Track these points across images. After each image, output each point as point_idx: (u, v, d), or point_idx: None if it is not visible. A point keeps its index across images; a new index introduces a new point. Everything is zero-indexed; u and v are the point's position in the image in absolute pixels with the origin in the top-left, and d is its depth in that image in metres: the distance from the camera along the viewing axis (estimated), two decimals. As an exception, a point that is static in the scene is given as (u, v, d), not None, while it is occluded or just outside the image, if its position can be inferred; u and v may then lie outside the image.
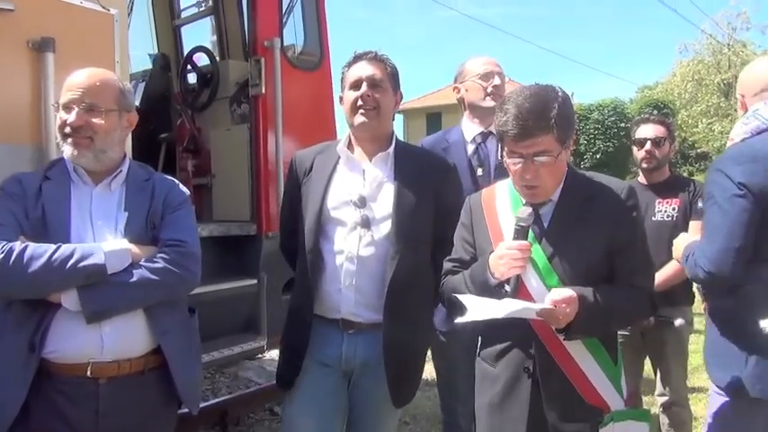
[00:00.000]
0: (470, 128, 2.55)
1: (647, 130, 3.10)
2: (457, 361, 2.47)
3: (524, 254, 1.63)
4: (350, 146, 2.12)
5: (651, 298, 1.75)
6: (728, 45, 30.21)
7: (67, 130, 1.75)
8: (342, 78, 2.12)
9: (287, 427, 2.11)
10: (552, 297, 1.56)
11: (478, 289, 1.71)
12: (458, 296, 1.68)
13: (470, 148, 2.51)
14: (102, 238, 1.72)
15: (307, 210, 2.06)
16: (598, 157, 21.09)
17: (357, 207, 2.00)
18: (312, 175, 2.11)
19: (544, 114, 1.59)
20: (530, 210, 1.67)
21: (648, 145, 3.04)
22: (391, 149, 2.08)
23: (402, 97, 2.17)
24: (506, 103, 1.64)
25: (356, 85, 2.03)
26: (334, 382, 2.05)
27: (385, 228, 1.99)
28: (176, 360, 1.77)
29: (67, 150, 1.77)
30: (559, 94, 1.65)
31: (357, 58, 2.08)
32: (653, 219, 2.95)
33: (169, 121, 4.54)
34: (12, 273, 1.56)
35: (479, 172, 2.46)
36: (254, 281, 3.56)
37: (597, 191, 1.73)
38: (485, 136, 2.52)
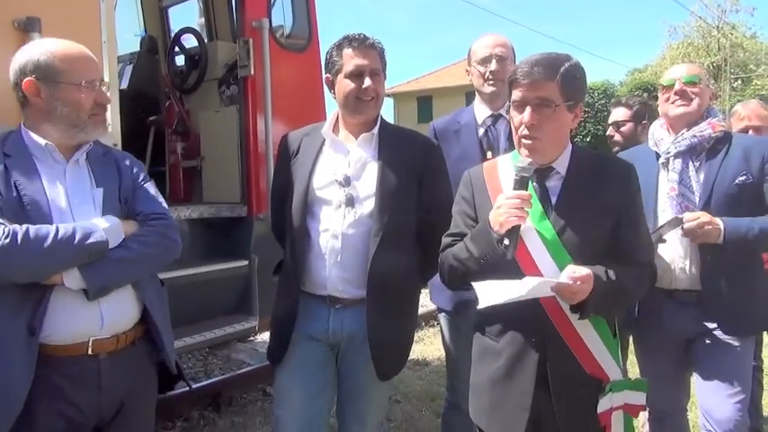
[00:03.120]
0: (481, 110, 2.54)
1: (614, 114, 3.27)
2: (463, 340, 2.46)
3: (524, 203, 1.62)
4: (335, 127, 2.14)
5: (652, 272, 1.81)
6: (718, 27, 30.29)
7: (97, 110, 1.74)
8: (331, 61, 2.08)
9: (279, 399, 2.16)
10: (569, 273, 1.57)
11: (479, 247, 1.70)
12: (473, 285, 1.66)
13: (481, 131, 2.51)
14: (82, 215, 1.70)
15: (294, 190, 2.09)
16: (588, 140, 21.19)
17: (342, 186, 2.03)
18: (299, 156, 2.14)
19: (553, 66, 1.66)
20: (530, 159, 1.68)
21: (610, 129, 3.22)
22: (376, 130, 2.10)
23: (386, 78, 2.17)
24: (520, 63, 1.73)
25: (356, 75, 2.02)
26: (322, 355, 2.10)
27: (368, 206, 2.02)
28: (161, 328, 1.82)
29: (97, 130, 1.75)
30: (572, 59, 1.71)
31: (351, 42, 2.04)
32: None
33: (157, 104, 4.51)
34: (23, 254, 1.53)
35: (489, 155, 2.44)
36: (245, 262, 3.57)
37: (604, 165, 1.77)
38: (495, 119, 2.49)
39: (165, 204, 1.86)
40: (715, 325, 2.16)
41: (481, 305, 1.60)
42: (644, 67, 33.41)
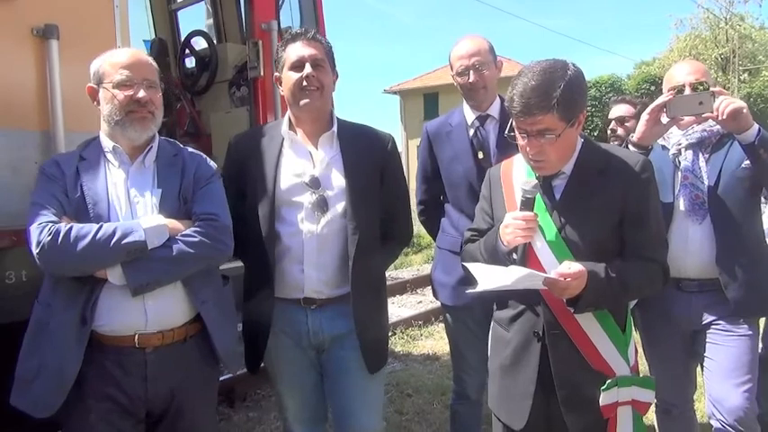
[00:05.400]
0: (469, 112, 2.56)
1: (617, 110, 3.30)
2: (468, 334, 2.56)
3: (529, 224, 1.68)
4: (291, 128, 2.11)
5: (664, 270, 1.78)
6: (726, 19, 30.02)
7: (133, 106, 1.79)
8: (278, 59, 2.10)
9: (282, 406, 2.24)
10: (559, 269, 1.61)
11: (490, 256, 1.77)
12: (466, 265, 1.73)
13: (471, 132, 2.52)
14: (140, 214, 1.79)
15: (258, 195, 2.04)
16: (595, 134, 21.11)
17: (311, 188, 2.01)
18: (255, 159, 2.09)
19: (547, 94, 1.61)
20: (535, 181, 1.71)
21: (612, 123, 3.24)
22: (335, 128, 2.09)
23: (338, 76, 2.17)
24: (516, 79, 1.69)
25: (298, 66, 2.01)
26: (309, 358, 2.12)
27: (341, 206, 2.02)
28: (215, 326, 1.86)
29: (134, 126, 1.80)
30: (569, 72, 1.65)
31: (294, 38, 2.06)
32: None
33: (168, 106, 4.56)
34: (61, 252, 1.63)
35: (480, 155, 2.47)
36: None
37: (610, 163, 1.76)
38: (482, 119, 2.51)
39: (223, 206, 1.88)
40: (723, 313, 2.19)
41: (478, 288, 1.64)
42: (651, 60, 33.11)
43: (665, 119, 2.18)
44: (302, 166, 2.05)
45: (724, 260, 2.18)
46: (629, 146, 2.25)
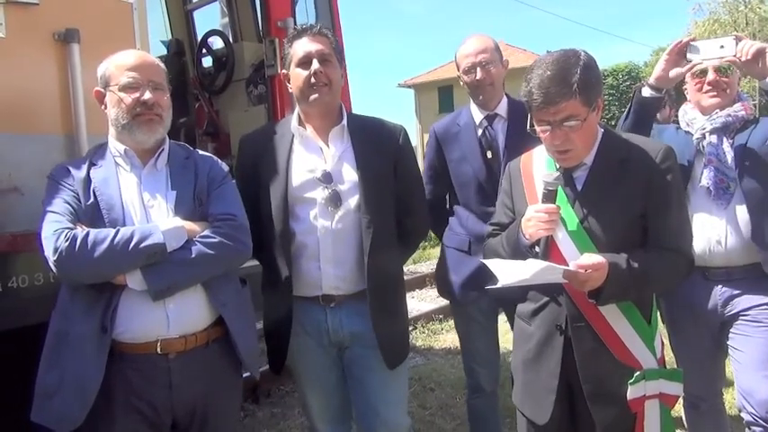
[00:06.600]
0: (477, 112, 2.54)
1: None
2: (477, 326, 2.58)
3: (551, 216, 1.67)
4: (300, 124, 2.10)
5: (688, 260, 1.76)
6: (745, 2, 29.42)
7: (139, 109, 1.76)
8: (285, 56, 2.10)
9: (304, 403, 2.25)
10: (579, 261, 1.60)
11: (512, 250, 1.76)
12: (484, 262, 1.72)
13: (479, 132, 2.52)
14: (155, 217, 1.75)
15: (271, 193, 2.03)
16: (613, 123, 20.86)
17: (323, 184, 2.00)
18: (267, 157, 2.08)
19: (566, 80, 1.60)
20: (557, 174, 1.70)
21: None
22: (344, 122, 2.08)
23: (346, 70, 2.18)
24: (530, 73, 1.67)
25: (306, 62, 2.00)
26: (331, 357, 2.11)
27: (354, 200, 2.00)
28: (237, 329, 1.82)
29: (141, 129, 1.77)
30: (582, 57, 1.66)
31: (300, 34, 2.06)
32: None
33: (186, 106, 4.61)
34: (79, 258, 1.60)
35: (489, 155, 2.47)
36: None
37: (632, 153, 1.74)
38: (490, 119, 2.50)
39: (239, 206, 1.86)
40: (757, 295, 2.15)
41: (499, 284, 1.63)
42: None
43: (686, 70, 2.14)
44: (313, 162, 2.04)
45: (761, 238, 2.12)
46: (645, 89, 2.21)
